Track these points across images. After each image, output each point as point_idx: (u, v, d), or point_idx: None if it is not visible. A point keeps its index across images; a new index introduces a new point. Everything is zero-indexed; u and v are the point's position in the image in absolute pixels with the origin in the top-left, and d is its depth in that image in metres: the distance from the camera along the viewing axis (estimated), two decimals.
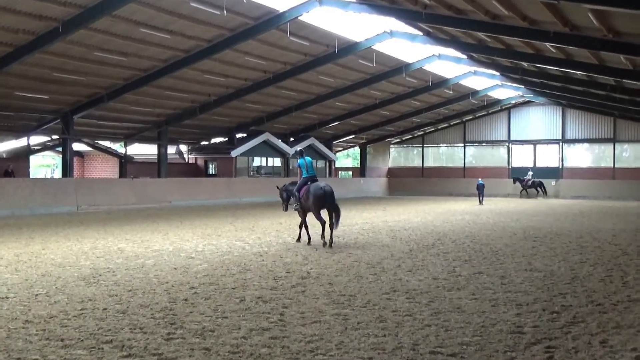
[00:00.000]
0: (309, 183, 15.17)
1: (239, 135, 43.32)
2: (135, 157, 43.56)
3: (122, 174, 39.08)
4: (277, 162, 45.75)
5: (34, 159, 46.68)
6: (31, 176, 39.04)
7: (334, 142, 46.71)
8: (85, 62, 23.53)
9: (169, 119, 34.52)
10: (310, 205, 13.99)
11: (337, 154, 52.57)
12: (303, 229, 15.55)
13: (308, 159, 14.88)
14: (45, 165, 59.05)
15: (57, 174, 49.27)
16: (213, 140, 45.07)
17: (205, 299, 7.96)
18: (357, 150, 53.20)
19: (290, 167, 45.53)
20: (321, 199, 14.06)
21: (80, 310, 7.30)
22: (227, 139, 43.54)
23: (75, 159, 39.19)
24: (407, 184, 47.60)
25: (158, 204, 29.16)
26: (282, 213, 22.70)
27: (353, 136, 46.59)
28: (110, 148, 41.61)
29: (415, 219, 20.68)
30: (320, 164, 45.70)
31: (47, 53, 22.11)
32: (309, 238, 14.19)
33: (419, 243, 13.84)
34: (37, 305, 7.55)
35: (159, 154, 37.13)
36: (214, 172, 43.00)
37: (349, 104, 37.49)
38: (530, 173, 43.11)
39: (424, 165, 48.70)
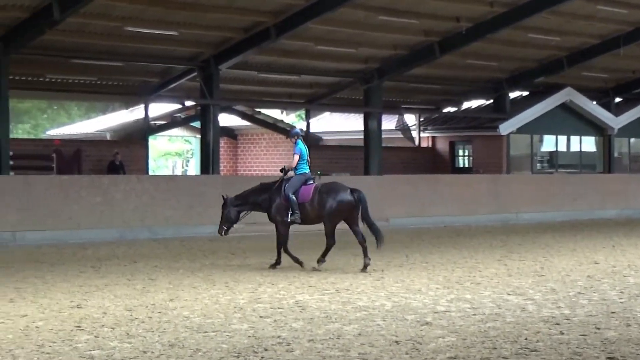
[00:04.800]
0: (312, 183, 18.27)
1: (512, 95, 43.44)
2: (325, 136, 45.83)
3: None
4: (587, 143, 44.94)
5: (155, 143, 51.26)
6: (151, 171, 42.97)
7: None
8: None
9: (384, 67, 36.73)
10: (328, 215, 17.75)
11: None
12: (285, 249, 18.45)
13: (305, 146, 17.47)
14: (173, 153, 64.49)
15: (193, 166, 53.64)
16: (465, 106, 45.80)
17: None
18: None
19: (615, 153, 44.28)
20: (351, 209, 17.82)
21: None
22: (491, 101, 43.89)
23: (222, 142, 40.72)
24: None
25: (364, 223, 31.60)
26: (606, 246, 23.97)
27: None
28: (280, 121, 44.25)
29: None
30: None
31: None
32: (299, 261, 18.02)
33: None
34: None
35: (366, 132, 38.68)
36: (466, 164, 43.63)
37: None
38: None
39: None
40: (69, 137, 40.81)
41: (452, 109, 45.14)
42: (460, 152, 43.36)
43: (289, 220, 18.31)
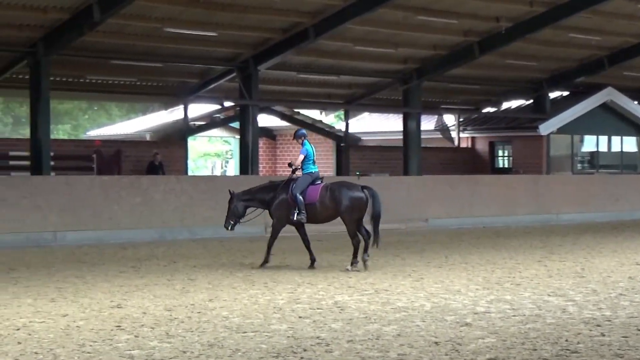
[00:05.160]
0: (319, 182, 18.52)
1: (552, 95, 43.21)
2: (364, 137, 45.79)
3: (340, 166, 41.52)
4: (629, 143, 44.58)
5: (194, 144, 51.49)
6: (190, 172, 43.11)
7: None
8: None
9: (423, 67, 37.00)
10: (347, 213, 18.28)
11: None
12: (270, 245, 18.83)
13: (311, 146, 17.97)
14: (212, 153, 64.72)
15: (232, 166, 53.79)
16: (504, 106, 45.60)
17: None
18: None
19: None
20: (365, 206, 18.31)
21: None
22: (530, 101, 43.67)
23: (261, 142, 40.41)
24: None
25: (404, 223, 30.75)
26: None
27: None
28: (319, 122, 44.26)
29: None
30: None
31: None
32: (267, 261, 18.49)
33: None
34: None
35: (405, 132, 38.70)
36: (505, 165, 43.43)
37: None
38: None
39: None
40: (109, 138, 41.05)
41: (491, 109, 44.96)
42: (500, 153, 43.23)
43: (295, 219, 18.39)
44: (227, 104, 35.49)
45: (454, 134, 44.02)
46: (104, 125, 54.73)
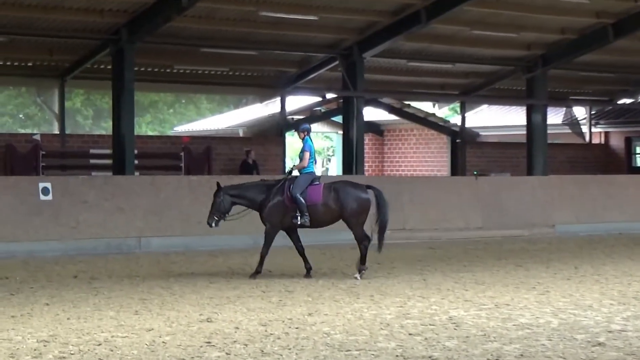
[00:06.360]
0: (318, 183, 18.84)
1: None
2: (482, 132, 45.50)
3: (455, 165, 41.26)
4: None
5: (292, 141, 51.64)
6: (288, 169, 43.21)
7: None
8: None
9: (549, 53, 36.74)
10: (354, 216, 18.72)
11: None
12: (264, 253, 19.07)
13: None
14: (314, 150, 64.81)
15: (335, 165, 53.93)
16: None
17: None
18: None
19: None
20: (369, 208, 18.83)
21: None
22: None
23: (367, 138, 40.98)
24: None
25: (527, 229, 30.69)
26: None
27: None
28: (432, 115, 44.16)
29: None
30: None
31: None
32: (259, 272, 18.67)
33: None
34: None
35: (529, 126, 38.29)
36: None
37: None
38: None
39: None
40: (198, 134, 41.56)
41: (628, 101, 44.20)
42: (638, 150, 42.43)
43: (298, 222, 18.62)
44: (329, 95, 35.57)
45: (584, 129, 43.58)
46: (193, 120, 55.49)
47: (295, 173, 18.98)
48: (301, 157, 18.85)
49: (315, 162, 19.20)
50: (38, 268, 20.34)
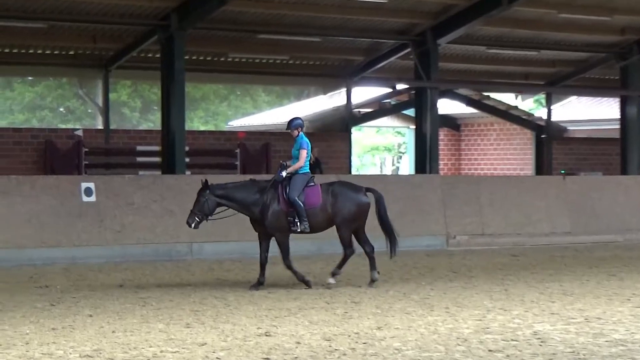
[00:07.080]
0: (313, 184, 18.91)
1: None
2: (570, 126, 45.13)
3: (540, 163, 40.95)
4: None
5: (360, 136, 51.73)
6: (354, 169, 43.17)
7: None
8: None
9: None
10: (346, 221, 18.79)
11: None
12: (289, 264, 19.02)
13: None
14: (381, 147, 64.98)
15: (407, 163, 53.86)
16: None
17: None
18: None
19: None
20: (367, 212, 18.94)
21: None
22: None
23: (442, 133, 41.22)
24: None
25: (621, 234, 30.74)
26: None
27: None
28: (514, 108, 43.93)
29: None
30: None
31: None
32: (308, 284, 18.58)
33: None
34: None
35: (623, 120, 38.15)
36: None
37: None
38: None
39: None
40: (255, 129, 41.72)
41: None
42: None
43: (298, 230, 18.63)
44: (400, 86, 35.52)
45: None
46: (249, 113, 55.70)
47: (283, 174, 18.86)
48: (297, 156, 18.77)
49: (310, 161, 19.30)
50: (80, 276, 20.58)
